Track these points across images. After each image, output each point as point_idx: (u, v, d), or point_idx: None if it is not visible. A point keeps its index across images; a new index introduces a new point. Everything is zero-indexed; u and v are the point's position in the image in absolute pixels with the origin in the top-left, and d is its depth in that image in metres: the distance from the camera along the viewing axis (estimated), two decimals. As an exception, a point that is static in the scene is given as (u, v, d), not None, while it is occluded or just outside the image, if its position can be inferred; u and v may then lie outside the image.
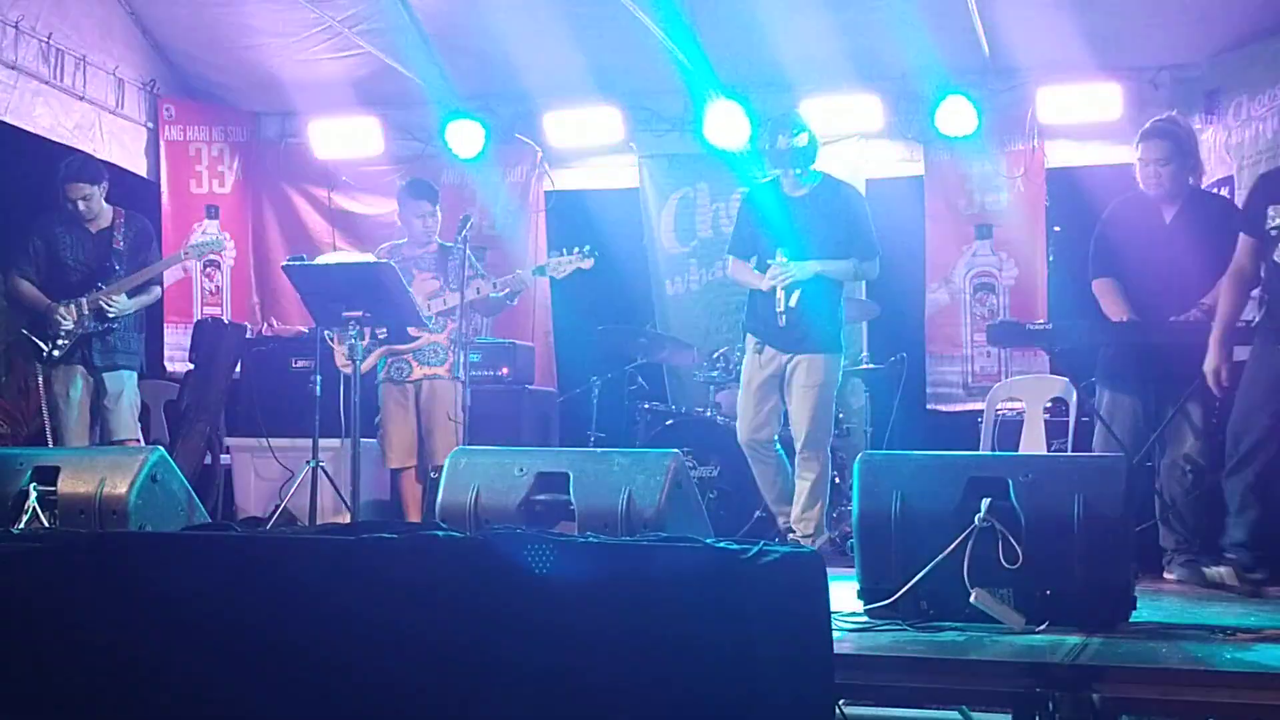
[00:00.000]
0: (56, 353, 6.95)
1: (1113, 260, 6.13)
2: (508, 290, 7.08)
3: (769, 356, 6.53)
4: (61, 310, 6.96)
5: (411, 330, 6.86)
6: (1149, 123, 6.27)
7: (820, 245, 6.50)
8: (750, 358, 6.63)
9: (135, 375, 7.25)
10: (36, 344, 6.97)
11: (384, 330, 6.45)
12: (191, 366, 8.23)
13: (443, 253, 7.22)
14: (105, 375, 7.07)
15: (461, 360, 6.88)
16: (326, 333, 7.07)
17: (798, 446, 6.50)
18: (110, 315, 7.01)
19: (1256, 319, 5.61)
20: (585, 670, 2.89)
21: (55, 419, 7.00)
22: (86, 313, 6.98)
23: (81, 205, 7.06)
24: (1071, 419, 7.35)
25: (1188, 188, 6.09)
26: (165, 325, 9.09)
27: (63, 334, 6.95)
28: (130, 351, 7.20)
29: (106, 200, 7.20)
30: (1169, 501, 5.90)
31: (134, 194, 8.53)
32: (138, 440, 7.30)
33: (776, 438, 6.62)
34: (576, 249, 6.97)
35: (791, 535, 6.38)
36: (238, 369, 8.38)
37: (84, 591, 3.17)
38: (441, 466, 6.89)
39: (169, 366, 9.07)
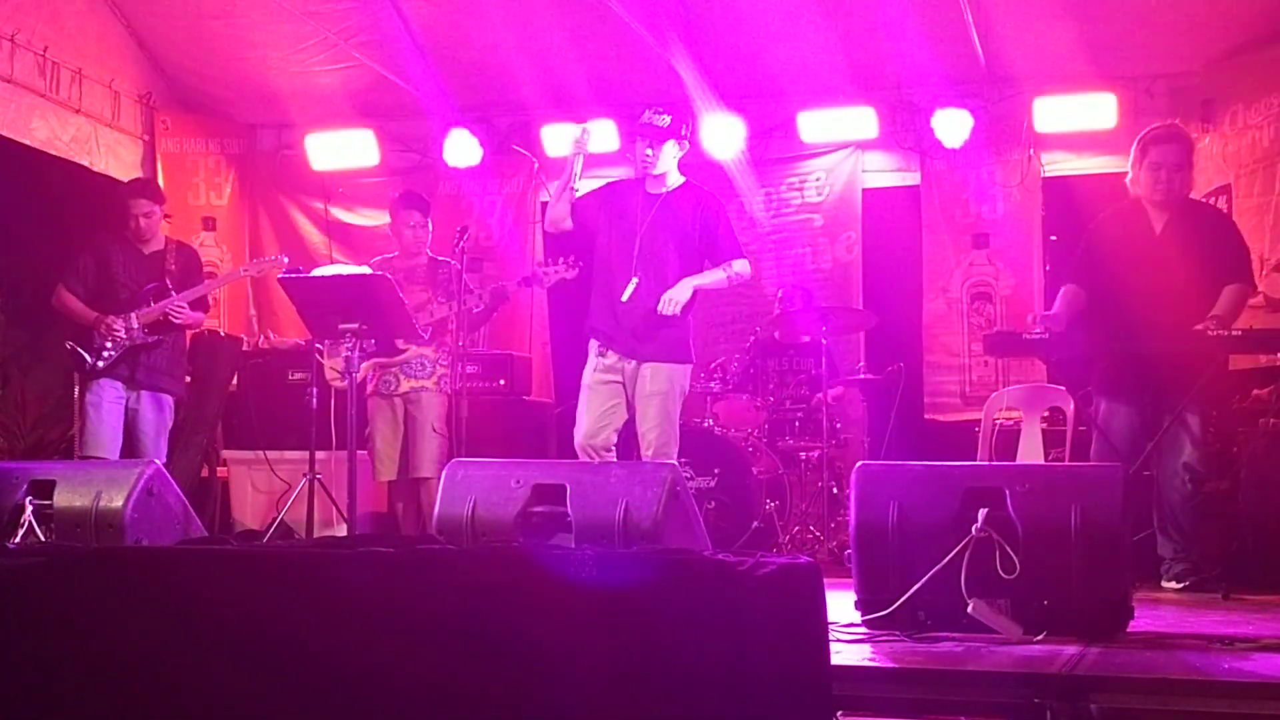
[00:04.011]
0: (100, 364, 7.00)
1: (1094, 271, 6.13)
2: (482, 306, 7.07)
3: (613, 360, 6.26)
4: (111, 321, 7.01)
5: (399, 343, 6.86)
6: (1156, 128, 6.28)
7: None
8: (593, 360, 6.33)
9: (172, 400, 7.29)
10: (82, 356, 7.01)
11: (372, 343, 6.45)
12: (188, 379, 8.21)
13: (433, 265, 7.23)
14: (146, 395, 7.13)
15: (456, 372, 6.88)
16: (317, 347, 7.08)
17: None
18: (168, 325, 7.09)
19: None
20: (582, 682, 2.89)
21: (82, 427, 7.06)
22: (137, 325, 7.04)
23: (142, 222, 7.19)
24: (1069, 429, 7.35)
25: (1179, 198, 6.12)
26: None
27: (109, 345, 7.00)
28: (172, 374, 7.28)
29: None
30: (1168, 511, 5.90)
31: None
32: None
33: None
34: (562, 259, 6.93)
35: None
36: (234, 382, 8.38)
37: (80, 605, 3.17)
38: (424, 479, 6.97)
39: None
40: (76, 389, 7.16)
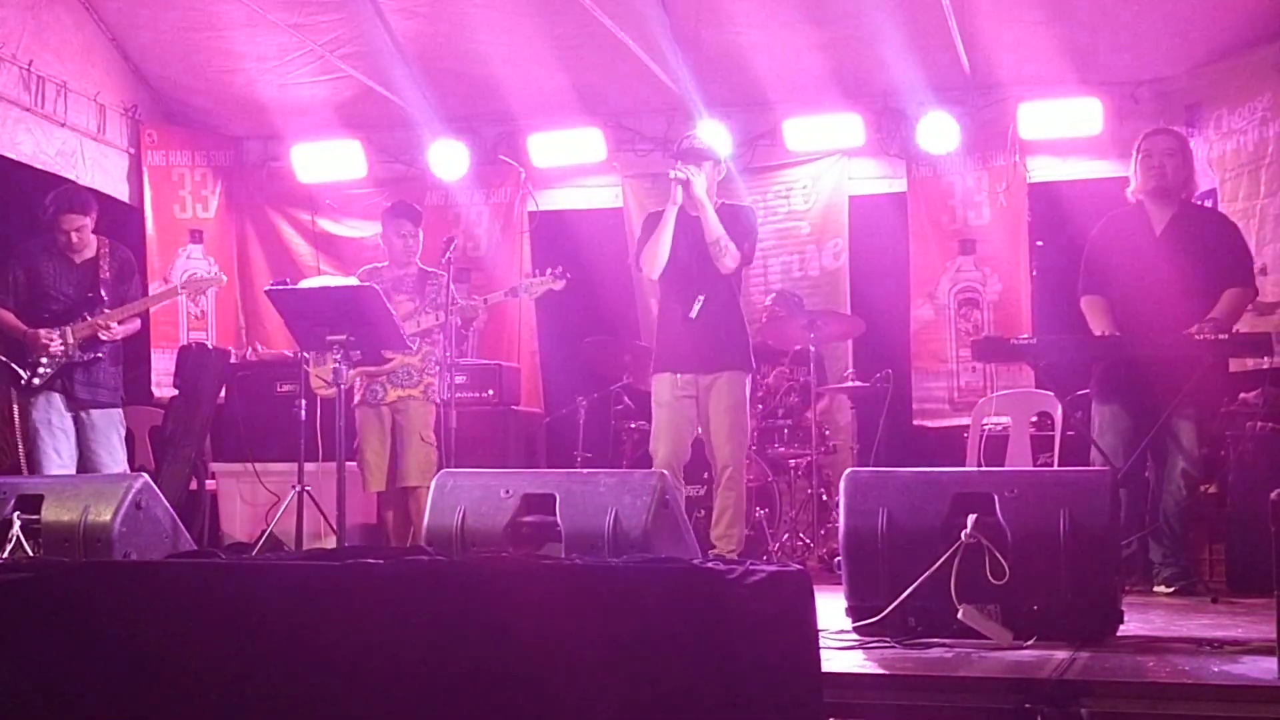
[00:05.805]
0: (36, 380, 6.85)
1: (1102, 277, 6.14)
2: (483, 312, 7.08)
3: (689, 378, 6.55)
4: (45, 335, 6.84)
5: (385, 353, 6.86)
6: (1153, 128, 6.52)
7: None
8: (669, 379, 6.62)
9: (120, 411, 7.17)
10: (15, 371, 6.86)
11: (357, 353, 6.45)
12: (176, 392, 8.20)
13: (422, 277, 7.23)
14: (92, 413, 6.98)
15: (445, 383, 6.88)
16: (304, 355, 7.07)
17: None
18: (103, 340, 6.94)
19: None
20: (572, 693, 2.88)
21: (32, 446, 6.88)
22: (73, 340, 6.88)
23: (74, 237, 6.96)
24: (1057, 433, 7.37)
25: (1179, 200, 6.12)
26: (151, 350, 9.07)
27: (44, 361, 6.85)
28: (113, 388, 7.12)
29: (93, 230, 7.13)
30: (1161, 515, 5.92)
31: (117, 220, 8.51)
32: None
33: None
34: (550, 270, 6.99)
35: (714, 551, 6.30)
36: (223, 394, 8.36)
37: (69, 620, 3.16)
38: (412, 488, 6.97)
39: (155, 392, 9.04)
40: (16, 406, 6.93)
